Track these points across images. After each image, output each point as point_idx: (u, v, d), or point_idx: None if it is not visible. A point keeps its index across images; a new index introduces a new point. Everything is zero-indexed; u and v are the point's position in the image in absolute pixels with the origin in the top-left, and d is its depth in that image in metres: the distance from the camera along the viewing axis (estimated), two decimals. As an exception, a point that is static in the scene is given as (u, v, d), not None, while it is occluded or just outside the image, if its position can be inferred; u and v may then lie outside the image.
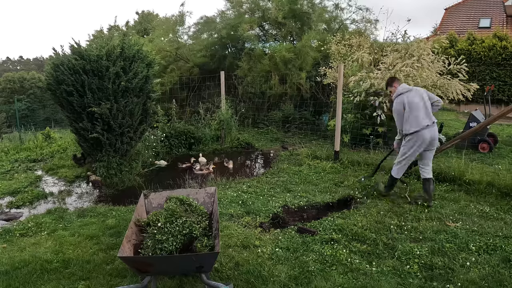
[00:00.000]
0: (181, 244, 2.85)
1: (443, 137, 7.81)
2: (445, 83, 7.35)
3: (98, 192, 5.59)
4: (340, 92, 6.60)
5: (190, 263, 2.59)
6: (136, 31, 19.50)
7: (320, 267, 3.14)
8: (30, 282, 3.00)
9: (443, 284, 2.88)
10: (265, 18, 10.97)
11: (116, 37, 6.77)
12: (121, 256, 2.54)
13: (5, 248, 3.65)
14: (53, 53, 5.98)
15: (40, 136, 9.62)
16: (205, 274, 2.68)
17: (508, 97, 14.37)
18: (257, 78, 9.97)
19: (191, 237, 2.90)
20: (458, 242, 3.49)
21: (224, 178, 5.75)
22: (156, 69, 6.68)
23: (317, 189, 5.14)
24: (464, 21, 18.70)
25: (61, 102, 5.75)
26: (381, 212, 4.28)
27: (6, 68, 57.57)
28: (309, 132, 9.10)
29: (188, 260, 2.60)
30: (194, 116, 9.41)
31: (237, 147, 8.29)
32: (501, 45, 14.25)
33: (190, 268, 2.68)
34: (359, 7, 10.93)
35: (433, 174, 5.46)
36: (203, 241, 2.85)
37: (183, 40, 12.06)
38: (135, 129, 6.09)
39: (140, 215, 3.25)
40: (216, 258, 2.69)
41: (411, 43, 7.82)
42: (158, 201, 3.51)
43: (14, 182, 5.94)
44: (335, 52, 8.74)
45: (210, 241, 2.89)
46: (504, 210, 4.30)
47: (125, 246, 2.69)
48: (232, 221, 4.14)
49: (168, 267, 2.72)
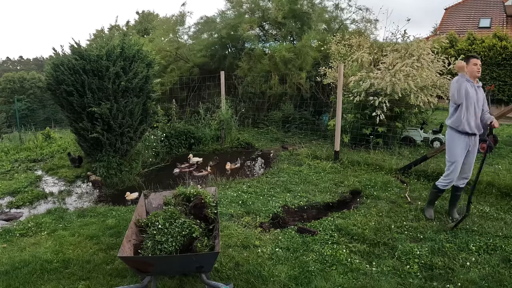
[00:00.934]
0: (181, 245, 2.84)
1: (443, 137, 7.82)
2: (445, 82, 7.35)
3: (98, 192, 5.59)
4: (340, 92, 6.60)
5: (190, 263, 2.60)
6: (136, 31, 19.49)
7: (320, 267, 3.14)
8: (30, 282, 3.00)
9: (443, 284, 2.88)
10: (265, 18, 10.96)
11: (116, 37, 6.77)
12: (121, 256, 2.54)
13: (5, 248, 3.65)
14: (53, 53, 5.98)
15: (40, 136, 9.62)
16: (205, 274, 2.69)
17: (508, 97, 14.37)
18: (257, 78, 9.97)
19: (191, 238, 2.90)
20: (458, 242, 3.49)
21: (224, 178, 5.75)
22: (156, 69, 6.68)
23: (317, 189, 5.14)
24: (464, 21, 18.70)
25: (61, 102, 5.75)
26: (381, 212, 4.28)
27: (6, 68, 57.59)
28: (309, 132, 9.10)
29: (188, 260, 2.60)
30: (194, 116, 9.40)
31: (237, 147, 8.29)
32: (501, 45, 14.25)
33: (190, 268, 2.68)
34: (359, 7, 10.93)
35: (433, 174, 5.50)
36: (203, 241, 2.86)
37: (183, 40, 12.06)
38: (135, 129, 6.09)
39: (140, 215, 3.26)
40: (216, 258, 2.69)
41: (411, 43, 7.82)
42: (158, 201, 3.51)
43: (14, 182, 5.94)
44: (335, 52, 8.74)
45: (210, 241, 2.90)
46: (504, 210, 4.30)
47: (125, 246, 2.69)
48: (232, 221, 4.14)
49: (168, 267, 2.72)
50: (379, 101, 6.76)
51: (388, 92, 6.71)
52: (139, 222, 3.08)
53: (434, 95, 7.32)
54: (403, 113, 7.29)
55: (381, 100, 6.75)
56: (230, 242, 3.63)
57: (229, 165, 6.60)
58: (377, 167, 6.02)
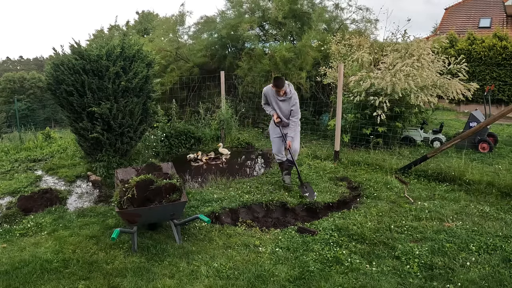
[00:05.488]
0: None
1: (443, 137, 7.82)
2: (445, 82, 7.35)
3: (98, 192, 5.58)
4: (340, 92, 6.60)
5: (167, 212, 3.64)
6: (136, 30, 19.49)
7: (320, 267, 3.14)
8: (30, 282, 3.00)
9: (443, 284, 2.88)
10: (265, 18, 10.95)
11: (116, 37, 6.78)
12: (118, 211, 3.51)
13: (5, 248, 3.65)
14: (53, 53, 5.98)
15: (40, 136, 9.61)
16: (176, 220, 3.69)
17: (508, 97, 14.36)
18: (257, 78, 9.96)
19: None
20: (458, 242, 3.49)
21: (224, 178, 5.75)
22: (156, 69, 6.67)
23: (317, 189, 5.14)
24: (464, 21, 18.69)
25: (61, 102, 5.74)
26: (381, 212, 4.28)
27: (6, 68, 57.53)
28: (309, 132, 9.10)
29: (165, 209, 3.62)
30: (194, 116, 9.40)
31: (237, 147, 8.29)
32: (501, 45, 14.24)
33: (166, 216, 3.70)
34: (359, 7, 10.91)
35: (433, 173, 5.50)
36: (173, 195, 3.75)
37: (183, 40, 12.05)
38: (135, 129, 6.09)
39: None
40: (184, 206, 3.80)
41: (411, 43, 7.82)
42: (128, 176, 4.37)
43: (14, 182, 5.93)
44: (335, 52, 8.74)
45: (177, 195, 3.75)
46: (504, 210, 4.30)
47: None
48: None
49: (151, 216, 3.68)
50: (380, 101, 6.76)
51: (388, 92, 6.71)
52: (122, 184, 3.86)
53: (434, 95, 7.32)
54: (403, 113, 7.29)
55: (382, 100, 6.75)
56: (230, 241, 3.64)
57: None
58: (377, 167, 6.02)
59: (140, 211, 3.51)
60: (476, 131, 5.94)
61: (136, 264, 3.25)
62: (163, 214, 3.68)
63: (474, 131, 5.38)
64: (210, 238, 3.74)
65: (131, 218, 3.52)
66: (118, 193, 3.67)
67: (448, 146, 5.57)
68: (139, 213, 3.51)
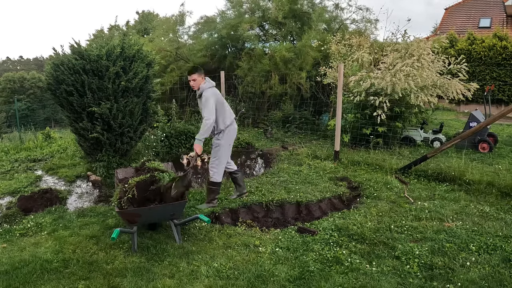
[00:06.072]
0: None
1: (443, 137, 7.82)
2: (445, 82, 7.35)
3: (98, 192, 5.58)
4: (340, 92, 6.60)
5: (166, 212, 3.62)
6: (136, 30, 19.49)
7: (320, 267, 3.14)
8: (30, 282, 3.00)
9: (443, 284, 2.88)
10: (265, 18, 10.96)
11: (116, 37, 6.78)
12: (118, 211, 3.52)
13: (5, 248, 3.65)
14: (53, 53, 5.98)
15: (40, 136, 9.61)
16: (176, 220, 3.69)
17: (508, 97, 14.36)
18: (257, 78, 9.96)
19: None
20: (458, 242, 3.49)
21: (224, 178, 5.74)
22: (156, 69, 6.67)
23: (317, 189, 5.14)
24: (464, 21, 18.69)
25: (61, 102, 5.75)
26: (381, 212, 4.28)
27: (6, 68, 57.52)
28: (309, 132, 9.10)
29: (166, 209, 3.60)
30: (194, 116, 9.40)
31: (237, 147, 8.27)
32: (501, 45, 14.24)
33: (166, 216, 3.67)
34: (359, 7, 10.92)
35: (433, 173, 5.50)
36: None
37: (183, 40, 12.06)
38: (135, 129, 6.09)
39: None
40: (184, 206, 3.77)
41: (411, 43, 7.82)
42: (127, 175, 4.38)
43: (14, 182, 5.93)
44: (335, 52, 8.74)
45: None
46: (504, 210, 4.30)
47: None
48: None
49: (151, 216, 3.68)
50: (380, 101, 6.76)
51: (388, 92, 6.71)
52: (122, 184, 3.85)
53: (434, 95, 7.33)
54: (403, 113, 7.30)
55: (382, 100, 6.76)
56: (230, 241, 3.64)
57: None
58: (377, 167, 6.02)
59: (140, 211, 3.53)
60: (476, 131, 5.94)
61: (136, 264, 3.25)
62: (163, 214, 3.67)
63: (474, 131, 5.38)
64: (210, 238, 3.74)
65: (131, 218, 3.52)
66: (118, 193, 3.67)
67: (448, 146, 5.57)
68: (139, 213, 3.52)
